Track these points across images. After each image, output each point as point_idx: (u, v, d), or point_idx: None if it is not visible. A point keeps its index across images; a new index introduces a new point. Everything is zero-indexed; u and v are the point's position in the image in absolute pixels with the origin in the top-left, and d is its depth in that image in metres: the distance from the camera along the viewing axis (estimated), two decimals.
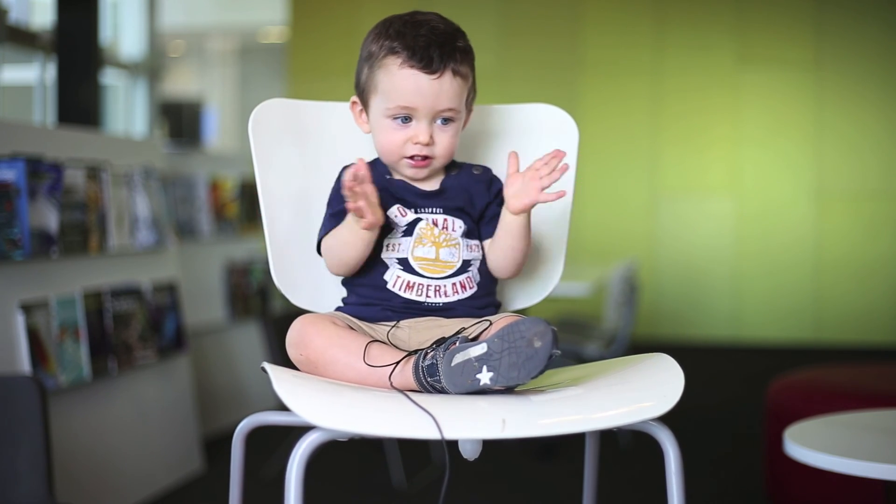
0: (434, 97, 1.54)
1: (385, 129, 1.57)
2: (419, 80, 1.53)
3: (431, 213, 1.59)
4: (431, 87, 1.53)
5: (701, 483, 3.54)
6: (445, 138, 1.57)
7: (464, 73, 1.56)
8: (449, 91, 1.54)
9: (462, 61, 1.56)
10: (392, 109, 1.55)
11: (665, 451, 1.35)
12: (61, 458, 2.88)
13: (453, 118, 1.57)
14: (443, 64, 1.53)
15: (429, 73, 1.53)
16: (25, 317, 2.84)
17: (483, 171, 1.66)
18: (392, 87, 1.54)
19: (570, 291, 3.76)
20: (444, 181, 1.63)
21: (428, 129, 1.55)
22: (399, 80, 1.54)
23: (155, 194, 3.59)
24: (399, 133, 1.56)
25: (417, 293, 1.56)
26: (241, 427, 1.52)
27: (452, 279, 1.57)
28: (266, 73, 10.42)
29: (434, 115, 1.55)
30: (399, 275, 1.56)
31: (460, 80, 1.56)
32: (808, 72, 7.11)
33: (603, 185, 7.25)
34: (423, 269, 1.56)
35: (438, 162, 1.59)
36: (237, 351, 4.59)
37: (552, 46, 7.38)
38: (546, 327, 1.32)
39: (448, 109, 1.55)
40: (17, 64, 5.30)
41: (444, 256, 1.56)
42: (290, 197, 1.67)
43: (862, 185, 7.06)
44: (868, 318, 6.99)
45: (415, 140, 1.55)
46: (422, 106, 1.54)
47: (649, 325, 7.07)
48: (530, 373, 1.31)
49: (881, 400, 2.80)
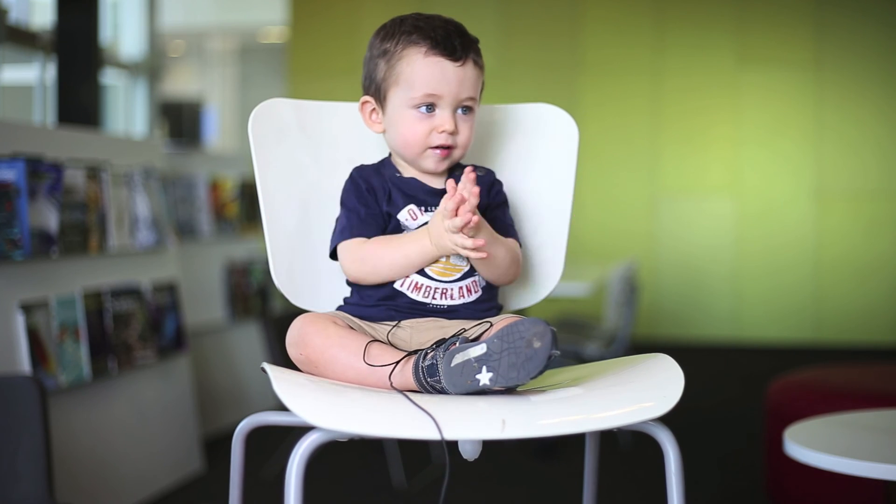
0: (458, 84, 1.56)
1: (408, 121, 1.58)
2: (444, 66, 1.55)
3: None
4: (456, 74, 1.56)
5: (701, 483, 3.54)
6: (466, 129, 1.59)
7: (481, 64, 1.61)
8: (471, 79, 1.58)
9: (479, 53, 1.61)
10: (417, 98, 1.56)
11: (665, 452, 1.34)
12: (61, 458, 2.88)
13: (473, 107, 1.60)
14: (465, 52, 1.57)
15: (453, 61, 1.56)
16: (25, 317, 2.84)
17: (486, 172, 1.67)
18: (417, 75, 1.56)
19: (570, 291, 3.76)
20: (449, 180, 1.63)
21: (452, 118, 1.57)
22: (424, 67, 1.55)
23: (155, 194, 3.59)
24: (423, 123, 1.57)
25: (424, 295, 1.56)
26: (241, 427, 1.52)
27: (459, 283, 1.57)
28: (266, 73, 10.42)
29: (457, 104, 1.57)
30: (409, 275, 1.56)
31: (479, 70, 1.60)
32: (808, 72, 7.11)
33: (603, 185, 7.25)
34: (433, 272, 1.56)
35: (458, 153, 1.60)
36: (237, 351, 4.59)
37: (552, 46, 7.38)
38: (545, 328, 1.32)
39: (470, 98, 1.58)
40: (17, 64, 5.30)
41: (453, 259, 1.56)
42: (290, 197, 1.67)
43: (862, 184, 7.06)
44: (868, 318, 6.99)
45: (440, 129, 1.56)
46: (447, 93, 1.56)
47: (649, 325, 7.07)
48: (530, 373, 1.31)
49: (881, 400, 2.80)
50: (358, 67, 1.75)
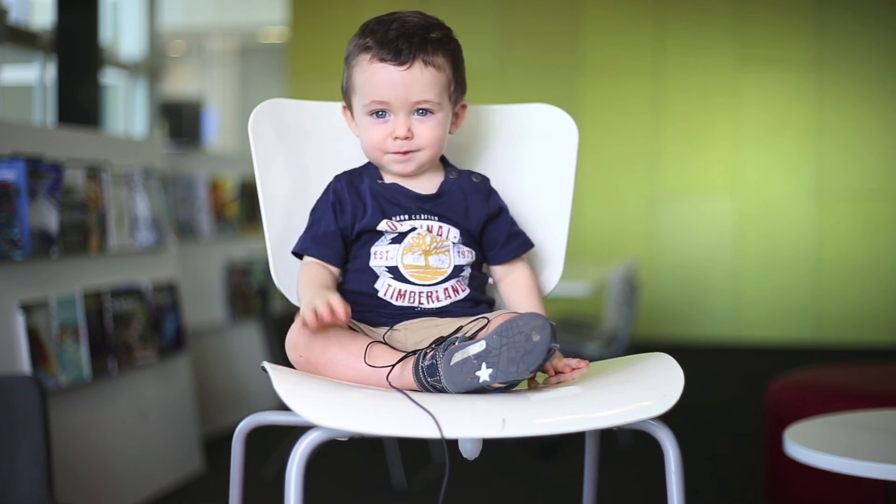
0: (405, 89, 1.52)
1: (366, 127, 1.57)
2: (389, 72, 1.52)
3: (426, 219, 1.57)
4: (402, 78, 1.52)
5: (701, 483, 3.54)
6: (425, 129, 1.55)
7: (438, 63, 1.54)
8: (421, 82, 1.53)
9: (434, 52, 1.54)
10: (368, 105, 1.55)
11: (665, 451, 1.35)
12: (61, 458, 2.88)
13: (431, 110, 1.55)
14: (412, 55, 1.52)
15: (398, 65, 1.52)
16: (25, 317, 2.84)
17: (482, 180, 1.65)
18: (365, 82, 1.54)
19: (570, 291, 3.76)
20: (442, 184, 1.61)
21: (405, 123, 1.54)
22: (370, 74, 1.53)
23: (155, 194, 3.59)
24: (378, 129, 1.55)
25: (410, 300, 1.55)
26: (241, 427, 1.52)
27: (444, 284, 1.56)
28: (266, 73, 10.42)
29: (410, 108, 1.54)
30: (390, 283, 1.55)
31: (433, 71, 1.53)
32: (808, 72, 7.11)
33: (603, 185, 7.25)
34: (414, 277, 1.55)
35: (424, 154, 1.57)
36: (237, 351, 4.59)
37: (552, 46, 7.38)
38: (544, 321, 1.32)
39: (423, 101, 1.54)
40: (17, 64, 5.30)
41: (433, 263, 1.55)
42: (290, 197, 1.67)
43: (862, 184, 7.06)
44: (868, 318, 6.99)
45: (393, 135, 1.54)
46: (394, 98, 1.53)
47: (649, 325, 7.07)
48: (529, 367, 1.31)
49: (881, 400, 2.80)
50: None
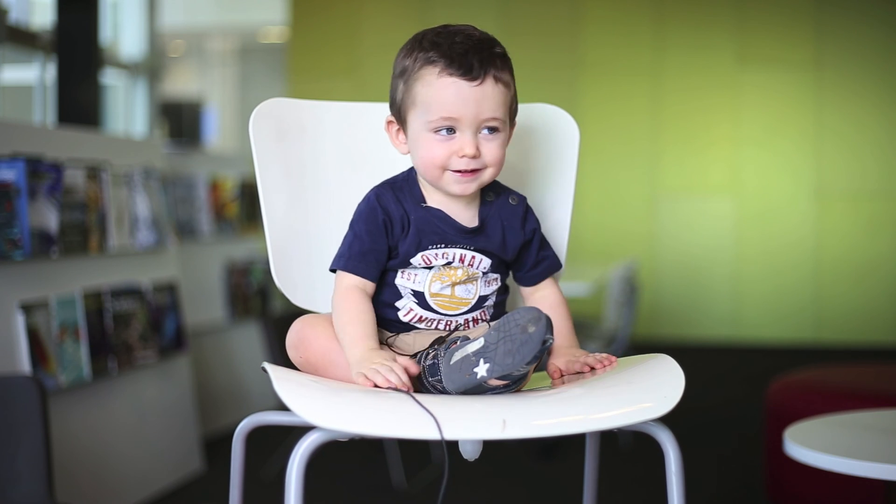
0: (477, 105, 1.46)
1: (427, 144, 1.49)
2: (460, 88, 1.45)
3: (462, 248, 1.52)
4: (473, 94, 1.45)
5: (701, 483, 3.54)
6: (492, 148, 1.49)
7: (505, 80, 1.49)
8: (492, 99, 1.47)
9: (503, 68, 1.49)
10: (434, 122, 1.47)
11: (665, 452, 1.34)
12: (61, 458, 2.88)
13: (498, 128, 1.49)
14: (483, 70, 1.46)
15: (469, 80, 1.45)
16: (25, 317, 2.84)
17: (519, 202, 1.59)
18: (432, 98, 1.47)
19: (570, 291, 3.75)
20: (481, 212, 1.55)
21: (473, 140, 1.47)
22: (439, 89, 1.46)
23: (155, 194, 3.59)
24: (443, 146, 1.48)
25: (428, 325, 1.53)
26: (241, 427, 1.52)
27: (466, 315, 1.53)
28: (266, 73, 10.43)
29: (478, 125, 1.47)
30: (412, 308, 1.52)
31: (502, 88, 1.48)
32: (808, 72, 7.11)
33: (603, 185, 7.25)
34: (438, 306, 1.52)
35: (487, 174, 1.50)
36: (237, 351, 4.59)
37: (552, 46, 7.38)
38: (539, 313, 1.31)
39: (492, 118, 1.47)
40: (17, 64, 5.30)
41: (459, 293, 1.52)
42: (290, 197, 1.67)
43: (861, 185, 7.06)
44: (868, 318, 6.99)
45: (461, 153, 1.47)
46: (465, 115, 1.46)
47: (649, 325, 7.07)
48: (525, 357, 1.30)
49: (881, 400, 2.80)
50: (358, 67, 1.75)
